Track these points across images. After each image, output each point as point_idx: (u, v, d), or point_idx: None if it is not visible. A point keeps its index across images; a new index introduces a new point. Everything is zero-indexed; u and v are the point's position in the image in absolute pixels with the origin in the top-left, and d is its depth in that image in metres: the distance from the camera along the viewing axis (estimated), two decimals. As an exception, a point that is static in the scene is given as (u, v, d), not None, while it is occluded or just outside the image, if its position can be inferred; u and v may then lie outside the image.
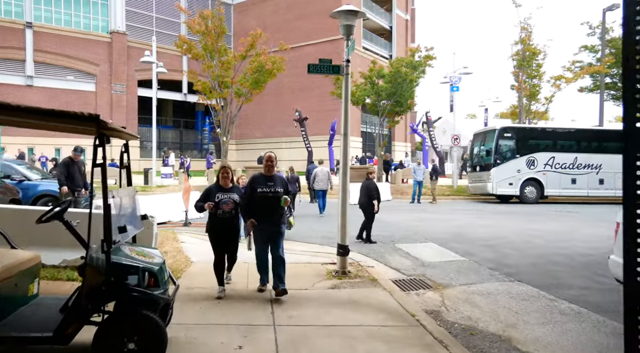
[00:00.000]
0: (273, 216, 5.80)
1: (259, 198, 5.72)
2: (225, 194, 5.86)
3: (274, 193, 5.74)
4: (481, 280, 7.17)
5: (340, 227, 6.94)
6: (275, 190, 5.77)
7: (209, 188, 6.10)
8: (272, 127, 44.21)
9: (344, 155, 6.87)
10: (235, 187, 6.15)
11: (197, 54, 21.38)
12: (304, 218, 14.09)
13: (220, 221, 5.86)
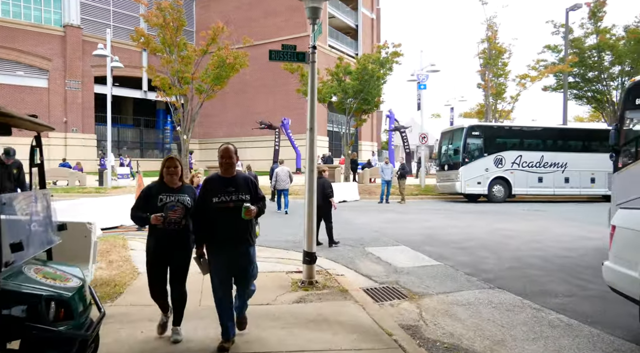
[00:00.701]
0: (237, 237, 4.15)
1: (215, 212, 4.08)
2: (171, 196, 4.24)
3: (236, 202, 4.09)
4: (459, 288, 6.61)
5: (306, 231, 6.24)
6: (239, 197, 4.12)
7: (147, 188, 4.41)
8: (235, 126, 43.13)
9: (310, 151, 6.18)
10: (187, 187, 4.50)
11: (155, 48, 20.23)
12: (268, 220, 13.33)
13: (164, 236, 4.21)
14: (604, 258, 8.72)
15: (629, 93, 9.52)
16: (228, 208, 4.09)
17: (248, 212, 4.05)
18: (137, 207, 4.30)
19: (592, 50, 27.20)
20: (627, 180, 9.15)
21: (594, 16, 26.40)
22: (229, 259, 4.16)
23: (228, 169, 4.24)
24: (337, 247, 9.59)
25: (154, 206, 4.19)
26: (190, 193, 4.42)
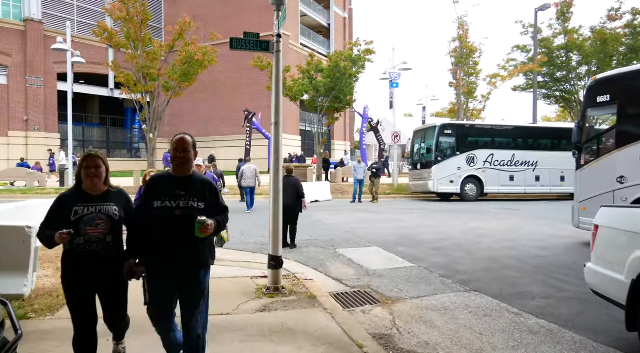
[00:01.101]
0: (183, 256, 3.18)
1: (156, 221, 3.15)
2: (90, 206, 3.16)
3: (185, 210, 3.13)
4: (434, 291, 6.28)
5: (271, 234, 5.81)
6: (189, 204, 3.16)
7: (59, 197, 3.28)
8: (207, 125, 42.29)
9: (275, 148, 5.74)
10: (116, 192, 3.36)
11: (119, 43, 19.44)
12: (237, 220, 12.82)
13: (83, 259, 3.15)
14: (576, 257, 8.63)
15: (590, 91, 9.68)
16: (173, 218, 3.11)
17: (203, 228, 3.03)
18: (46, 224, 3.16)
19: (560, 50, 27.58)
20: (589, 177, 9.38)
21: (562, 16, 26.76)
22: (174, 282, 3.21)
23: (182, 166, 3.24)
24: (307, 249, 9.19)
25: (66, 221, 3.07)
26: (120, 200, 3.31)
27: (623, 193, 8.46)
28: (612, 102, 9.04)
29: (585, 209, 9.25)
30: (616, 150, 8.78)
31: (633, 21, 25.20)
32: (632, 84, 9.00)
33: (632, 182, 8.30)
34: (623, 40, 25.18)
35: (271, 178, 5.78)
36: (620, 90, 9.01)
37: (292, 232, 9.41)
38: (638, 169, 8.17)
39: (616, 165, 8.67)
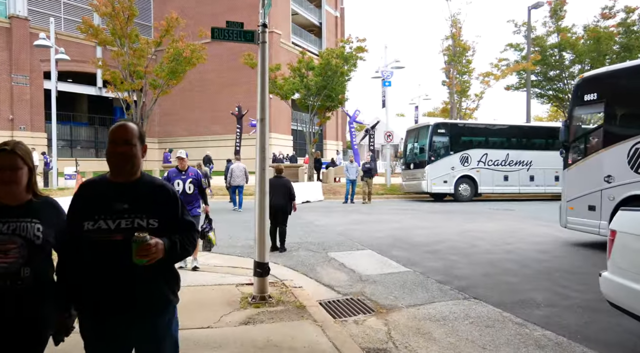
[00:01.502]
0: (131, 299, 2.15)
1: (89, 249, 2.15)
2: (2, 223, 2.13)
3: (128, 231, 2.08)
4: (431, 299, 5.90)
5: (257, 238, 5.39)
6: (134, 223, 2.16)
7: None
8: (198, 125, 41.73)
9: (261, 146, 5.33)
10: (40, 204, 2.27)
11: (104, 40, 18.89)
12: (223, 222, 12.39)
13: None
14: (577, 259, 8.30)
15: (577, 89, 9.68)
16: (113, 244, 2.11)
17: (143, 249, 2.02)
18: None
19: (553, 49, 27.36)
20: (576, 176, 9.40)
21: (555, 14, 26.53)
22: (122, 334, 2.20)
23: (122, 166, 2.20)
24: (297, 253, 8.78)
25: None
26: (47, 215, 2.25)
27: (610, 192, 8.47)
28: (599, 101, 9.04)
29: (573, 209, 9.32)
30: (603, 149, 8.75)
31: (626, 19, 25.04)
32: (619, 82, 8.98)
33: (619, 181, 8.29)
34: (617, 39, 25.00)
35: (257, 179, 5.37)
36: (607, 88, 9.00)
37: (281, 234, 9.01)
38: (625, 167, 8.17)
39: (603, 164, 8.67)
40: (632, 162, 8.05)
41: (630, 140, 8.11)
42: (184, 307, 4.89)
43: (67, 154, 38.20)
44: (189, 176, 7.08)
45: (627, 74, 8.93)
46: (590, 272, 7.12)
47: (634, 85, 8.60)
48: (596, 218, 8.72)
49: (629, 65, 9.32)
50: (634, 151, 8.02)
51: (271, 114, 38.71)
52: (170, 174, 7.11)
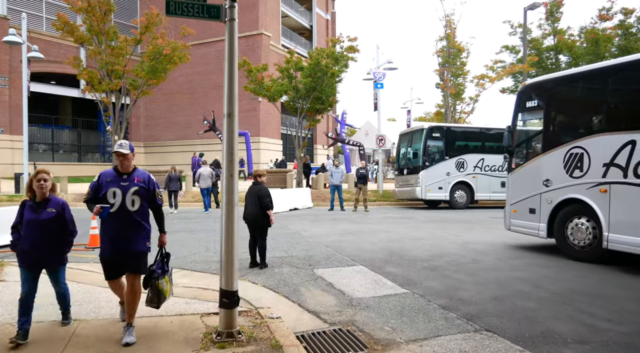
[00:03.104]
0: None
1: None
2: None
3: None
4: (435, 331, 4.92)
5: (223, 260, 4.38)
6: None
7: None
8: (185, 128, 40.61)
9: (229, 147, 4.33)
10: None
11: (80, 37, 17.78)
12: (200, 233, 11.37)
13: None
14: (597, 280, 7.39)
15: (520, 96, 10.04)
16: None
17: None
18: None
19: (549, 51, 26.67)
20: (518, 180, 9.80)
21: (551, 15, 25.86)
22: None
23: None
24: (279, 270, 7.77)
25: None
26: None
27: (548, 195, 8.93)
28: (539, 107, 9.47)
29: (516, 212, 9.75)
30: (542, 154, 9.15)
31: (624, 21, 24.41)
32: (556, 89, 9.35)
33: (556, 185, 8.75)
34: (615, 41, 24.35)
35: (224, 188, 4.36)
36: (546, 95, 9.39)
37: (260, 249, 7.99)
38: (561, 172, 8.60)
39: (542, 169, 9.07)
40: (567, 166, 8.50)
41: (566, 146, 8.55)
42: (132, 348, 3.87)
43: (49, 158, 36.90)
44: (133, 182, 4.39)
45: (562, 82, 9.28)
46: (616, 296, 6.19)
47: (569, 93, 9.15)
48: (536, 220, 9.19)
49: (564, 74, 9.54)
50: (569, 156, 8.47)
51: (260, 117, 37.89)
52: (103, 180, 4.39)
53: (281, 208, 17.36)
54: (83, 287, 6.22)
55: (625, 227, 7.56)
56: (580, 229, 8.37)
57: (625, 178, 7.53)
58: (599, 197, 7.96)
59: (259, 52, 37.15)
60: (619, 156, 7.62)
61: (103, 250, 4.38)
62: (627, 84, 8.11)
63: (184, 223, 13.82)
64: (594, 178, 8.04)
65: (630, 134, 7.48)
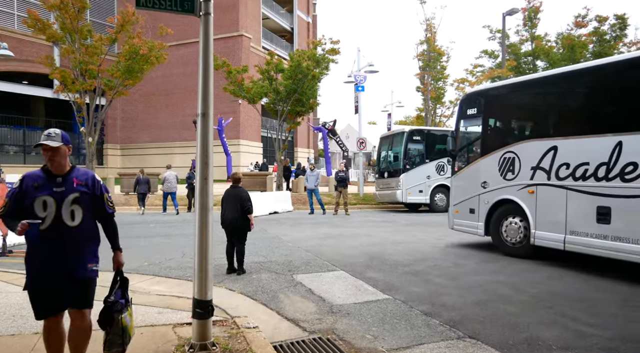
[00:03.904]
0: None
1: None
2: None
3: None
4: (418, 339, 4.77)
5: (196, 268, 4.16)
6: None
7: None
8: (163, 130, 40.02)
9: (203, 149, 4.11)
10: None
11: (53, 35, 17.23)
12: (177, 238, 11.07)
13: None
14: (575, 282, 7.36)
15: (461, 104, 10.80)
16: None
17: None
18: None
19: (527, 57, 27.02)
20: (460, 182, 10.48)
21: (529, 21, 26.20)
22: None
23: None
24: (258, 276, 7.55)
25: None
26: None
27: (485, 196, 9.60)
28: (478, 115, 10.07)
29: (458, 212, 10.44)
30: (480, 158, 9.83)
31: (599, 28, 24.88)
32: (492, 98, 10.03)
33: (492, 187, 9.43)
34: (590, 47, 24.79)
35: (197, 191, 4.14)
36: (484, 104, 9.99)
37: (238, 254, 7.76)
38: (496, 175, 9.28)
39: (480, 172, 9.74)
40: (501, 169, 9.18)
41: (500, 151, 9.22)
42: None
43: (20, 161, 35.93)
44: (71, 186, 3.21)
45: (498, 92, 10.08)
46: (596, 299, 6.15)
47: (503, 102, 9.85)
48: (475, 220, 9.87)
49: (499, 85, 10.45)
50: (502, 160, 9.16)
51: (240, 119, 37.49)
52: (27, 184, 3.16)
53: (261, 212, 17.11)
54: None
55: (548, 225, 8.30)
56: (513, 228, 9.05)
57: (549, 180, 8.28)
58: (527, 198, 8.70)
59: (239, 53, 36.83)
60: (544, 160, 8.37)
61: (31, 280, 3.18)
62: (548, 95, 8.97)
63: (159, 228, 13.47)
64: (523, 180, 8.77)
65: (553, 141, 8.28)
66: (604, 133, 7.46)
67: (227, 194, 7.85)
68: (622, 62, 7.79)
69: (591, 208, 7.53)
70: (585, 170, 7.67)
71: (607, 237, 7.31)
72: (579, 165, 7.77)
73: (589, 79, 8.25)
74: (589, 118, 8.08)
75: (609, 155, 7.29)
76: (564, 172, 8.01)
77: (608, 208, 7.29)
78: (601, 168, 7.41)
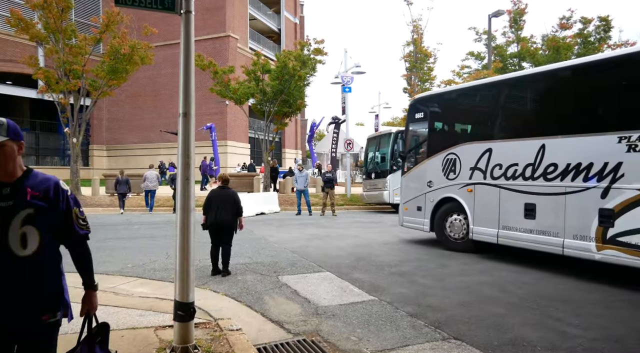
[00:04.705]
0: None
1: None
2: None
3: None
4: (403, 340, 4.74)
5: (178, 268, 4.08)
6: None
7: None
8: (150, 131, 39.60)
9: (184, 149, 4.04)
10: None
11: (37, 35, 16.96)
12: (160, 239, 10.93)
13: None
14: (560, 282, 7.40)
15: (410, 108, 11.48)
16: None
17: None
18: None
19: (513, 58, 27.24)
20: (409, 182, 11.12)
21: (515, 23, 26.42)
22: None
23: None
24: (243, 277, 7.47)
25: None
26: None
27: (430, 195, 10.27)
28: (425, 119, 10.72)
29: (407, 209, 11.12)
30: (426, 159, 10.48)
31: (583, 30, 25.15)
32: (437, 104, 10.72)
33: (436, 186, 10.11)
34: (575, 49, 25.04)
35: (179, 192, 4.07)
36: (430, 108, 10.68)
37: (225, 255, 7.68)
38: (440, 174, 9.95)
39: (427, 172, 10.41)
40: (444, 170, 9.84)
41: (444, 152, 9.87)
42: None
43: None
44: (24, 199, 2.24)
45: (441, 98, 10.81)
46: (582, 300, 6.18)
47: (446, 107, 10.52)
48: (422, 217, 10.53)
49: (442, 91, 11.24)
50: (445, 161, 9.81)
51: (227, 121, 37.28)
52: None
53: (247, 213, 16.96)
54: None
55: (484, 220, 9.00)
56: (457, 224, 9.70)
57: (485, 179, 8.96)
58: (467, 196, 9.39)
59: (226, 54, 36.65)
60: (481, 161, 9.04)
61: None
62: (484, 101, 9.66)
63: (143, 229, 13.32)
64: (463, 179, 9.44)
65: (488, 143, 8.93)
66: (531, 137, 8.19)
67: (216, 195, 7.73)
68: (542, 73, 8.58)
69: (520, 205, 8.24)
70: (515, 170, 8.37)
71: (533, 231, 8.03)
72: (510, 165, 8.47)
73: (515, 88, 9.04)
74: (518, 122, 8.86)
75: (535, 156, 8.00)
76: (498, 172, 8.70)
77: (533, 205, 8.01)
78: (528, 168, 8.12)
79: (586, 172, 7.23)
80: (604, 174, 7.00)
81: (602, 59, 7.80)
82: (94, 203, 18.82)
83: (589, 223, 7.15)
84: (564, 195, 7.53)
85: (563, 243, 7.52)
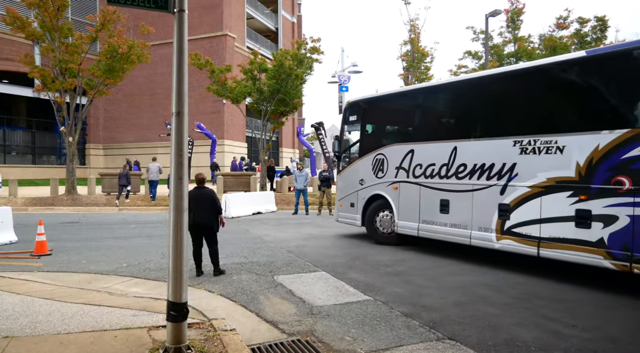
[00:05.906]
0: None
1: None
2: None
3: None
4: (397, 341, 4.73)
5: (171, 268, 4.06)
6: None
7: None
8: (147, 130, 39.52)
9: (177, 149, 4.03)
10: None
11: (32, 33, 16.88)
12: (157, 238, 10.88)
13: None
14: (558, 281, 7.42)
15: (345, 111, 12.03)
16: None
17: None
18: None
19: (510, 58, 27.23)
20: (344, 180, 11.75)
21: (512, 23, 26.43)
22: None
23: None
24: (238, 277, 7.45)
25: None
26: None
27: (362, 193, 11.02)
28: (358, 121, 11.38)
29: (342, 206, 11.81)
30: (359, 159, 11.21)
31: (580, 30, 25.17)
32: (368, 107, 11.36)
33: (367, 184, 10.88)
34: (572, 49, 25.05)
35: (171, 192, 4.05)
36: (362, 111, 11.37)
37: (212, 255, 7.61)
38: (370, 173, 10.74)
39: (359, 171, 11.13)
40: (374, 169, 10.62)
41: (374, 152, 10.65)
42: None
43: (0, 161, 35.26)
44: None
45: (371, 102, 11.38)
46: (577, 300, 6.19)
47: (375, 111, 11.26)
48: (354, 213, 11.25)
49: (372, 96, 11.75)
50: (375, 161, 10.61)
51: (224, 119, 37.23)
52: None
53: (244, 212, 16.99)
54: (20, 299, 5.74)
55: (406, 215, 9.85)
56: (387, 220, 10.41)
57: (408, 178, 9.79)
58: (393, 193, 10.20)
59: (223, 53, 36.59)
60: (404, 161, 9.86)
61: None
62: (407, 106, 10.41)
63: (140, 229, 13.28)
64: (390, 178, 10.24)
65: (411, 145, 9.75)
66: (445, 139, 9.05)
67: (195, 195, 7.48)
68: (453, 83, 9.58)
69: (436, 201, 9.13)
70: (432, 169, 9.22)
71: (447, 224, 8.91)
72: (429, 165, 9.31)
73: (432, 95, 9.96)
74: (435, 126, 9.74)
75: (448, 157, 8.85)
76: (419, 171, 9.54)
77: (447, 201, 8.90)
78: (443, 168, 8.99)
79: (489, 171, 8.11)
80: (502, 173, 7.89)
81: (497, 73, 8.58)
82: (90, 203, 18.76)
83: (491, 216, 8.05)
84: (472, 192, 8.42)
85: (470, 234, 8.41)
